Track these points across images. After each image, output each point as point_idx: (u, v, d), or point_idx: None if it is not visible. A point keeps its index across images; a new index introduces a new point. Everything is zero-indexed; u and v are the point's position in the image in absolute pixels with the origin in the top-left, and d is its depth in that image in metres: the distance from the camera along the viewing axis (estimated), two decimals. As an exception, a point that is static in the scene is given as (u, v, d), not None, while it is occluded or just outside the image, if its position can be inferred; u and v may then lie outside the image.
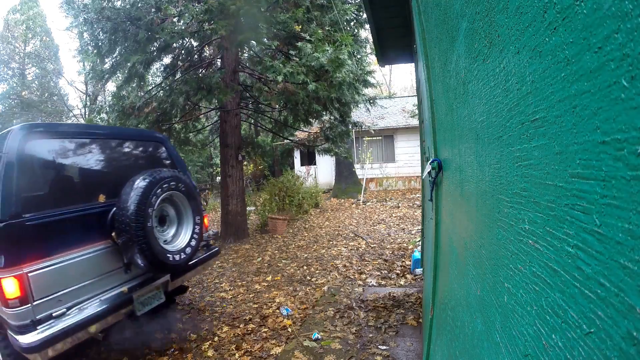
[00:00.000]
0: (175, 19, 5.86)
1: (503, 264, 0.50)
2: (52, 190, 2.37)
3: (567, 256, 0.31)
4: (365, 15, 3.95)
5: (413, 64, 3.73)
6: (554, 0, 0.31)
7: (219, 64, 6.95)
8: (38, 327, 2.05)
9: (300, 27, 5.83)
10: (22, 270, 2.02)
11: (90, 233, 2.46)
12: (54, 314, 2.14)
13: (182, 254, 2.80)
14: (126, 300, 2.54)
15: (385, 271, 4.35)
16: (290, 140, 9.27)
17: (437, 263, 1.41)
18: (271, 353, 2.69)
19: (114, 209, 2.55)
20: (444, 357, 1.08)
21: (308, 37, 5.65)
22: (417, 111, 8.47)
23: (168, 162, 3.27)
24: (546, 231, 0.36)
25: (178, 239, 2.94)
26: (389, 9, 3.03)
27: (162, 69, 7.41)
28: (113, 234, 2.53)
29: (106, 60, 6.46)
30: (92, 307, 2.33)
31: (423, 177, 1.56)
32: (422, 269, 3.82)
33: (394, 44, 3.78)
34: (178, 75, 6.70)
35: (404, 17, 3.13)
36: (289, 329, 3.03)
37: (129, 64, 5.82)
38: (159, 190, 2.62)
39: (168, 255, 2.66)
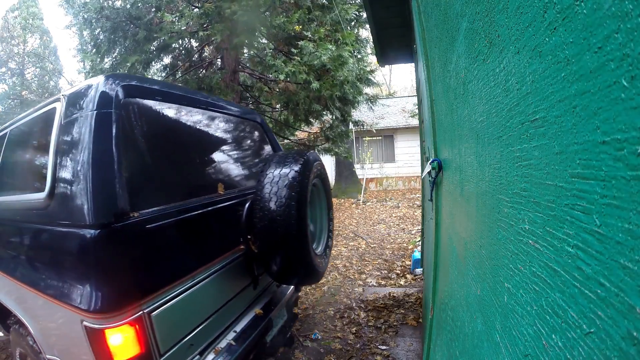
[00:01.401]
0: (175, 19, 5.87)
1: (503, 264, 0.50)
2: (164, 175, 1.53)
3: (567, 256, 0.31)
4: (365, 15, 3.95)
5: (413, 64, 3.73)
6: (554, 0, 0.31)
7: (219, 64, 6.96)
8: None
9: (300, 27, 5.84)
10: (140, 310, 1.22)
11: (218, 239, 1.75)
12: None
13: (324, 257, 2.15)
14: (265, 325, 1.89)
15: (385, 271, 4.35)
16: (290, 140, 9.26)
17: (437, 263, 1.41)
18: (271, 353, 2.69)
19: (249, 203, 1.84)
20: (444, 357, 1.08)
21: (310, 36, 5.66)
22: (417, 111, 8.47)
23: (268, 145, 2.54)
24: (546, 231, 0.36)
25: (316, 238, 2.29)
26: (389, 8, 3.03)
27: (162, 68, 7.42)
28: (249, 237, 1.83)
29: (106, 59, 6.47)
30: (230, 345, 1.64)
31: (422, 176, 1.55)
32: (422, 269, 3.82)
33: (394, 43, 3.78)
34: (178, 75, 6.70)
35: (404, 17, 3.13)
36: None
37: (128, 64, 5.82)
38: (312, 176, 1.91)
39: (319, 260, 1.99)
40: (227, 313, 1.73)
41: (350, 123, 7.78)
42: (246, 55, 7.62)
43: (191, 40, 6.50)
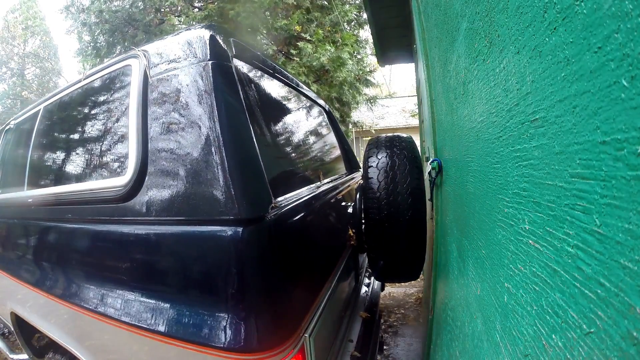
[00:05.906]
0: (179, 23, 5.89)
1: (503, 264, 0.50)
2: (281, 156, 1.27)
3: (567, 256, 0.31)
4: (365, 16, 3.96)
5: (413, 64, 3.73)
6: (554, 0, 0.31)
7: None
8: None
9: (300, 27, 5.85)
10: (300, 338, 0.87)
11: (338, 235, 1.53)
12: None
13: None
14: (376, 328, 1.67)
15: (385, 271, 4.35)
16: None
17: (437, 263, 1.41)
18: (271, 353, 2.68)
19: (359, 192, 1.58)
20: (444, 357, 1.08)
21: (308, 37, 5.67)
22: (417, 111, 8.47)
23: (334, 136, 2.32)
24: (546, 231, 0.36)
25: None
26: (389, 9, 3.03)
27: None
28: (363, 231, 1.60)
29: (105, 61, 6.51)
30: (356, 358, 1.41)
31: (424, 177, 1.55)
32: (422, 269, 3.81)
33: (394, 44, 3.78)
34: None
35: (404, 17, 3.13)
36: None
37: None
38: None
39: None
40: (344, 321, 1.48)
41: (350, 123, 7.79)
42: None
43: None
